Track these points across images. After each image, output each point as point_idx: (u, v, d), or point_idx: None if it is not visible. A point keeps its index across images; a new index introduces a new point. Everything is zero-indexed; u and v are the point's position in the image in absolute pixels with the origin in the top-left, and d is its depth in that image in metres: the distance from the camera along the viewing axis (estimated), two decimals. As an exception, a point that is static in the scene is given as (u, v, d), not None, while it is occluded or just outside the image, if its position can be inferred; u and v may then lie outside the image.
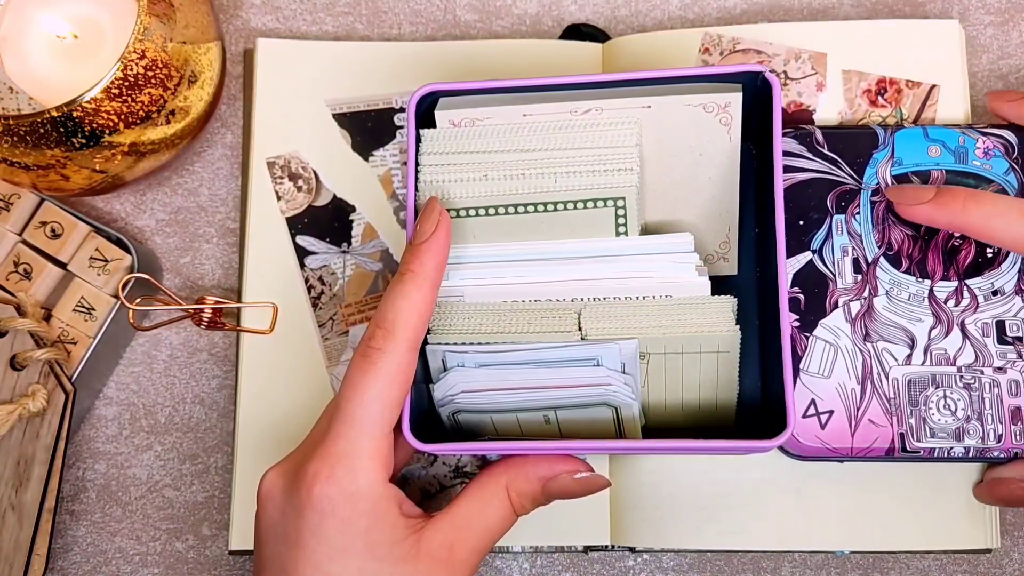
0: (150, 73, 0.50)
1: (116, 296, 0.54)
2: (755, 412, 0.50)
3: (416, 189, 0.45)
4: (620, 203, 0.45)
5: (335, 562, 0.41)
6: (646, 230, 0.49)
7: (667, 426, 0.50)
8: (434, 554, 0.43)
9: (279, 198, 0.57)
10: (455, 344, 0.45)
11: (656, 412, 0.49)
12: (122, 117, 0.50)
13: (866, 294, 0.51)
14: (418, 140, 0.46)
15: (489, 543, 0.45)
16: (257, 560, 0.44)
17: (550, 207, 0.45)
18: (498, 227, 0.46)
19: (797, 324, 0.51)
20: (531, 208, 0.45)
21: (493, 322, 0.45)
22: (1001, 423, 0.50)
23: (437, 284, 0.43)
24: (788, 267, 0.51)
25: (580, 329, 0.45)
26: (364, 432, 0.42)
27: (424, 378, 0.47)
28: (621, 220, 0.45)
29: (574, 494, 0.46)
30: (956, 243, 0.52)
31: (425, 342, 0.46)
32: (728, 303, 0.45)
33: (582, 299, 0.45)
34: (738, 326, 0.45)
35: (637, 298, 0.45)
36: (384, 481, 0.42)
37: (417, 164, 0.46)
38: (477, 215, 0.45)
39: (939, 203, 0.47)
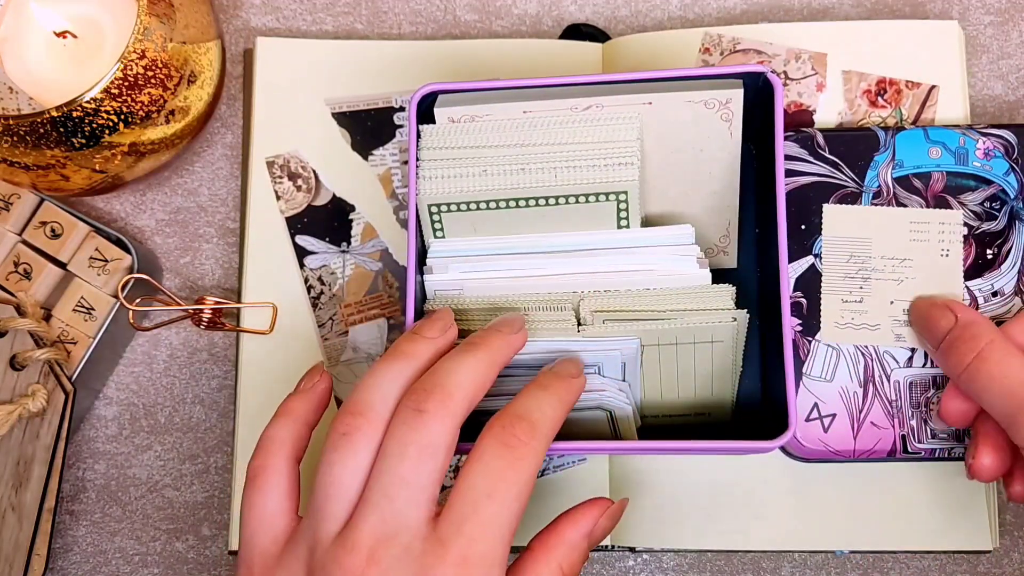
0: (150, 73, 0.50)
1: (116, 296, 0.54)
2: (756, 413, 0.50)
3: (417, 189, 0.45)
4: (622, 197, 0.45)
5: None
6: (647, 223, 0.49)
7: (662, 414, 0.50)
8: None
9: (278, 198, 0.57)
10: None
11: (651, 403, 0.49)
12: (122, 117, 0.50)
13: (867, 294, 0.52)
14: (418, 135, 0.46)
15: None
16: None
17: (551, 201, 0.45)
18: (499, 221, 0.46)
19: (800, 329, 0.51)
20: (532, 202, 0.45)
21: (489, 316, 0.45)
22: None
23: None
24: (790, 271, 0.51)
25: (578, 321, 0.45)
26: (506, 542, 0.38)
27: None
28: (623, 215, 0.45)
29: (608, 531, 0.44)
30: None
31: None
32: (727, 291, 0.45)
33: (580, 292, 0.45)
34: (742, 311, 0.45)
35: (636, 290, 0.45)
36: None
37: (417, 159, 0.46)
38: (478, 209, 0.45)
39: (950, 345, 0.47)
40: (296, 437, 0.42)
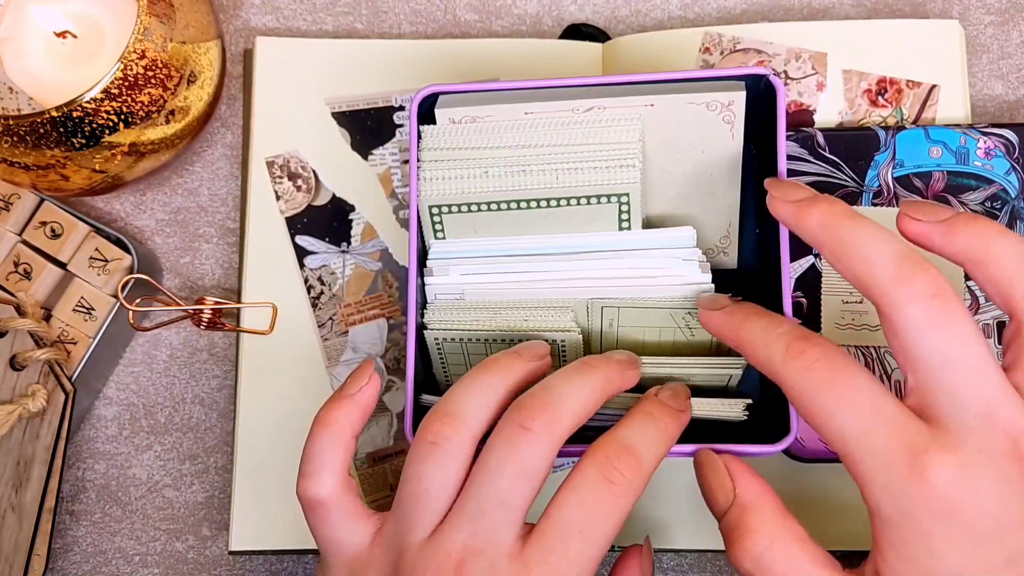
0: (150, 73, 0.50)
1: (116, 296, 0.54)
2: (757, 415, 0.50)
3: (418, 190, 0.45)
4: (624, 199, 0.45)
5: None
6: (647, 224, 0.49)
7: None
8: None
9: (278, 198, 0.57)
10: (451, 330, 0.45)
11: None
12: (122, 117, 0.50)
13: (867, 295, 0.52)
14: (419, 136, 0.46)
15: None
16: None
17: (552, 203, 0.45)
18: (500, 222, 0.46)
19: (799, 326, 0.51)
20: (533, 204, 0.45)
21: (489, 318, 0.45)
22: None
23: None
24: (791, 271, 0.51)
25: (579, 327, 0.45)
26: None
27: (424, 368, 0.47)
28: (624, 217, 0.45)
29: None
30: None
31: (424, 327, 0.46)
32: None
33: (586, 300, 0.45)
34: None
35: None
36: None
37: (417, 160, 0.46)
38: (479, 210, 0.45)
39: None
40: (342, 454, 0.41)
